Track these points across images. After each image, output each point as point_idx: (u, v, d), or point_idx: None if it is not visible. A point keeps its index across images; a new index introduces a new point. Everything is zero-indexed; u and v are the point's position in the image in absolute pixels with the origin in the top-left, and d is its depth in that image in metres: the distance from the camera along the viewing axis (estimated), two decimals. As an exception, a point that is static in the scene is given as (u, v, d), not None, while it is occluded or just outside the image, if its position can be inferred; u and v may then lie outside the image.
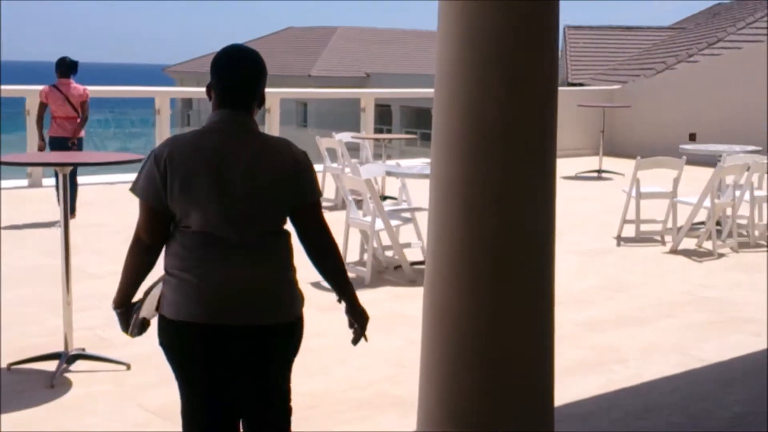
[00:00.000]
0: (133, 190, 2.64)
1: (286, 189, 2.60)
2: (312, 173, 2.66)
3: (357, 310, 2.78)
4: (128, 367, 4.70)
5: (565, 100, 15.64)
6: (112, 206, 9.44)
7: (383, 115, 32.17)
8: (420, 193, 8.44)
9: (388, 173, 7.02)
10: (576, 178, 12.90)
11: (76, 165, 4.60)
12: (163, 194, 2.55)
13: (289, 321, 2.64)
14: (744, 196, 8.06)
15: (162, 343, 2.65)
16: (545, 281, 3.24)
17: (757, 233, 8.27)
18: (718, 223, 8.12)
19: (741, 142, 11.87)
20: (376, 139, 10.69)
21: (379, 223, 6.68)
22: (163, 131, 11.80)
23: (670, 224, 8.34)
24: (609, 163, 13.39)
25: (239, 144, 2.58)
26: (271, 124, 12.43)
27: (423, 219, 7.42)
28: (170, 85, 38.01)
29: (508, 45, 3.09)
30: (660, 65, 18.13)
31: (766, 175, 8.57)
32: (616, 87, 16.39)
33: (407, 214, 7.34)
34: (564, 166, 13.45)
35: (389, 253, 7.22)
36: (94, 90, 9.64)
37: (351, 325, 2.79)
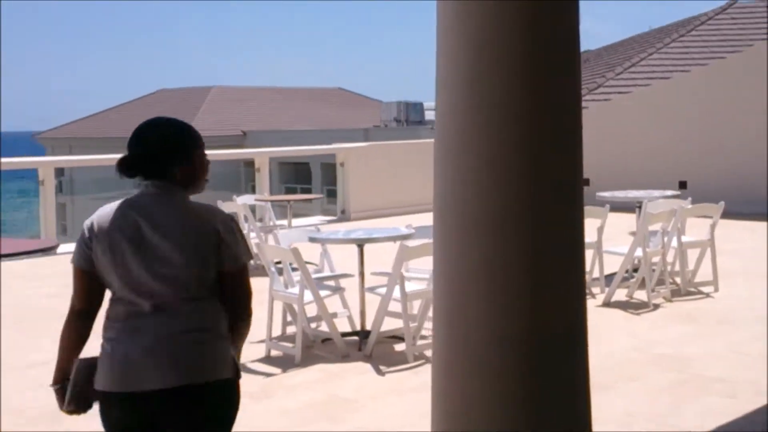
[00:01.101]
0: (72, 261, 2.72)
1: (208, 253, 2.63)
2: (235, 236, 2.68)
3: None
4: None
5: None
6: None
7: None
8: (341, 258, 7.90)
9: (312, 239, 6.41)
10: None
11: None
12: (91, 259, 2.67)
13: (214, 380, 2.60)
14: (671, 243, 7.86)
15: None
16: (579, 313, 2.78)
17: (683, 280, 8.06)
18: (628, 272, 7.89)
19: (635, 186, 11.88)
20: (280, 201, 10.06)
21: (307, 295, 6.05)
22: (48, 201, 10.91)
23: (596, 274, 8.09)
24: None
25: (157, 211, 2.66)
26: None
27: (350, 286, 6.93)
28: (41, 153, 36.29)
29: (527, 41, 2.65)
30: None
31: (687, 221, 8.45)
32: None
33: (331, 282, 6.75)
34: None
35: (313, 325, 6.60)
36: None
37: None
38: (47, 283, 8.89)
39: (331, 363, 6.03)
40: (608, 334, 6.64)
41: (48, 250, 4.01)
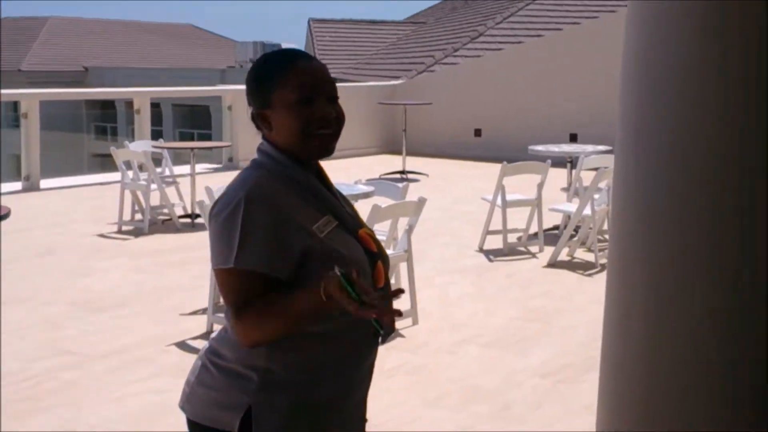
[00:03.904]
0: None
1: None
2: (215, 226, 1.84)
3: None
4: None
5: (354, 96, 14.90)
6: None
7: (107, 116, 29.57)
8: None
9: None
10: (382, 180, 12.00)
11: None
12: None
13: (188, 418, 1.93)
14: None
15: None
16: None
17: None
18: (575, 231, 7.57)
19: (530, 138, 11.59)
20: (181, 148, 9.06)
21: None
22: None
23: (533, 230, 7.77)
24: (398, 162, 12.62)
25: None
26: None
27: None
28: None
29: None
30: (428, 59, 17.81)
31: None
32: (396, 83, 15.78)
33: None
34: (363, 167, 12.57)
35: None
36: None
37: None
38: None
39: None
40: (577, 300, 6.24)
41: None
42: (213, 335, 2.01)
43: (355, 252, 1.90)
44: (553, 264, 7.21)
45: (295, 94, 1.87)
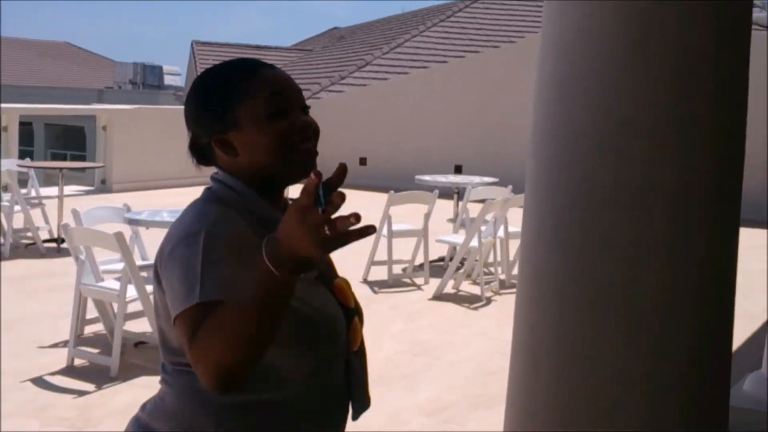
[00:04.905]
0: None
1: (159, 290, 1.52)
2: (171, 266, 1.45)
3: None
4: None
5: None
6: None
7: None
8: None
9: (131, 221, 5.22)
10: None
11: None
12: None
13: None
14: (498, 233, 7.48)
15: None
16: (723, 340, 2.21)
17: (507, 272, 7.72)
18: (461, 263, 7.45)
19: (415, 168, 11.53)
20: (51, 168, 8.49)
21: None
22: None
23: (418, 261, 7.62)
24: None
25: None
26: None
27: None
28: None
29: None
30: (314, 86, 17.61)
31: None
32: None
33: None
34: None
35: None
36: None
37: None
38: None
39: (154, 375, 4.93)
40: (463, 334, 6.09)
41: None
42: (144, 405, 1.63)
43: (328, 307, 1.58)
44: (439, 296, 7.06)
45: (268, 107, 1.53)
